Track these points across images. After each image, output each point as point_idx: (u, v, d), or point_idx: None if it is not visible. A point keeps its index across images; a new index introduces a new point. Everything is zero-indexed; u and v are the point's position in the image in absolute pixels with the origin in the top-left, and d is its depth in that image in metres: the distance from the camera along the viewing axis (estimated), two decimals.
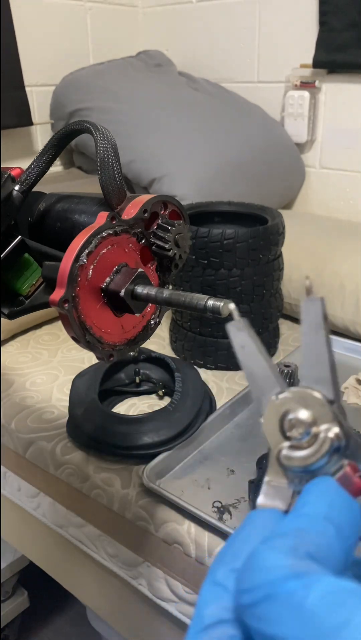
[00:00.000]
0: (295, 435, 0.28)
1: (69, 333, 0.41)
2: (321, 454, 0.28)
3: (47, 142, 0.48)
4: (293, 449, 0.28)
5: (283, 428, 0.29)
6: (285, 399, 0.29)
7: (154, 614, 0.76)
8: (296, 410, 0.29)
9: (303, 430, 0.28)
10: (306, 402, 0.29)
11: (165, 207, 0.47)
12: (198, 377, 0.88)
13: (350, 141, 1.45)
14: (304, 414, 0.28)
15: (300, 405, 0.29)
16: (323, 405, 0.29)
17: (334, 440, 0.28)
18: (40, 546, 0.95)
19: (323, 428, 0.28)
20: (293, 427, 0.28)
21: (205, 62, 1.64)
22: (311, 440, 0.28)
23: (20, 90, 1.34)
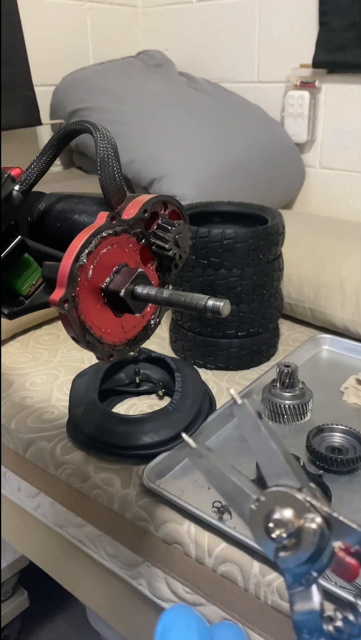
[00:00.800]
0: (280, 535, 0.29)
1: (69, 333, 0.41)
2: (310, 544, 0.28)
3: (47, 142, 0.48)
4: (284, 550, 0.29)
5: (269, 533, 0.30)
6: (261, 504, 0.30)
7: (154, 614, 0.76)
8: (276, 511, 0.30)
9: (286, 529, 0.29)
10: (282, 500, 0.30)
11: (165, 207, 0.47)
12: (198, 377, 0.88)
13: (350, 141, 1.45)
14: (283, 512, 0.29)
15: (277, 504, 0.30)
16: (296, 500, 0.30)
17: (317, 529, 0.29)
18: (40, 546, 0.95)
19: (306, 520, 0.29)
20: (276, 529, 0.29)
21: (205, 62, 1.64)
22: (297, 535, 0.29)
23: (29, 89, 1.34)
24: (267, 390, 0.87)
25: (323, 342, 1.08)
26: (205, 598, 0.67)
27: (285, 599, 0.60)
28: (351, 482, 0.73)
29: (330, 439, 0.80)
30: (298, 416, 0.85)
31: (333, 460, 0.73)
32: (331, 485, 0.69)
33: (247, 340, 0.99)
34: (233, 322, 0.96)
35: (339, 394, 0.92)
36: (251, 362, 1.01)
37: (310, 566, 0.29)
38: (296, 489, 0.30)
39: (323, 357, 1.05)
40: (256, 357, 1.01)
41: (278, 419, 0.85)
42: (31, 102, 1.35)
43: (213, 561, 0.65)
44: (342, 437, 0.80)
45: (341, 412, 0.87)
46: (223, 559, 0.65)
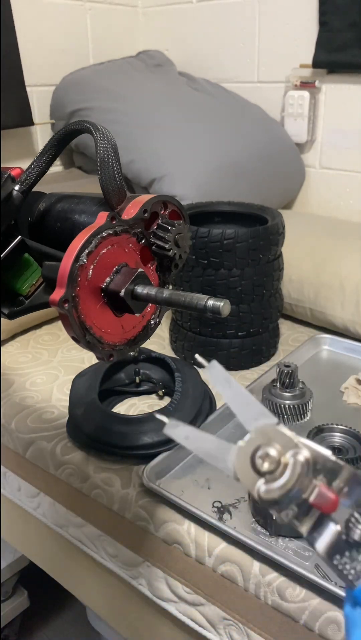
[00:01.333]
0: (267, 468, 0.30)
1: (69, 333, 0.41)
2: (295, 477, 0.29)
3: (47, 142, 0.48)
4: (269, 482, 0.30)
5: (256, 468, 0.30)
6: (250, 441, 0.31)
7: (154, 614, 0.76)
8: (262, 447, 0.30)
9: (274, 461, 0.30)
10: (268, 437, 0.31)
11: (165, 207, 0.47)
12: (198, 377, 0.88)
13: (350, 141, 1.45)
14: (270, 447, 0.30)
15: (264, 441, 0.31)
16: (283, 435, 0.31)
17: (303, 463, 0.29)
18: (40, 546, 0.95)
19: (291, 454, 0.30)
20: (263, 463, 0.30)
21: (205, 62, 1.64)
22: (283, 468, 0.30)
23: (21, 90, 1.34)
24: (267, 390, 0.87)
25: (323, 342, 1.08)
26: (205, 598, 0.67)
27: (285, 599, 0.60)
28: None
29: (330, 439, 0.80)
30: (298, 416, 0.85)
31: None
32: None
33: (247, 340, 0.99)
34: (233, 322, 0.96)
35: (339, 394, 0.92)
36: (251, 362, 1.01)
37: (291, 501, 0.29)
38: (275, 424, 0.31)
39: (323, 357, 1.05)
40: (256, 357, 1.01)
41: (278, 418, 0.85)
42: (23, 102, 1.35)
43: (213, 561, 0.65)
44: (342, 437, 0.80)
45: (341, 412, 0.87)
46: (223, 559, 0.65)
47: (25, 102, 1.36)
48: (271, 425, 0.31)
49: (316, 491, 0.29)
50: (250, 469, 0.30)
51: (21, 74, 1.33)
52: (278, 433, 0.30)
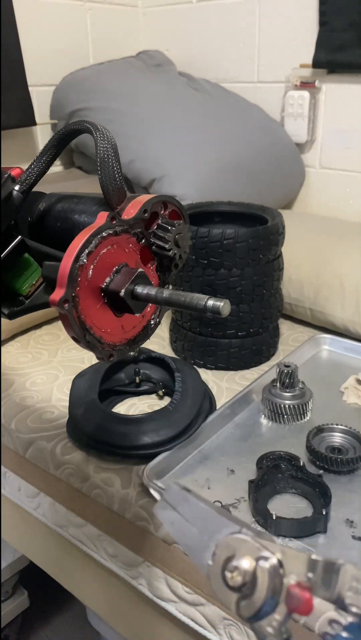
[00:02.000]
0: (239, 582, 0.29)
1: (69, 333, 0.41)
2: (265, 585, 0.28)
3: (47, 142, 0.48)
4: (245, 598, 0.29)
5: (229, 585, 0.29)
6: (215, 559, 0.30)
7: (154, 614, 0.76)
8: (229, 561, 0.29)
9: (242, 575, 0.29)
10: (233, 548, 0.30)
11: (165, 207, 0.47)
12: (198, 377, 0.88)
13: (350, 141, 1.45)
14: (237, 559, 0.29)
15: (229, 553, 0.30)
16: (245, 541, 0.29)
17: (271, 568, 0.28)
18: (40, 546, 0.95)
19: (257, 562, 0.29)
20: (233, 578, 0.29)
21: (205, 62, 1.64)
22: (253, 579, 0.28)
23: (24, 90, 1.34)
24: (267, 390, 0.87)
25: (323, 342, 1.08)
26: (205, 598, 0.67)
27: None
28: (351, 482, 0.73)
29: (330, 439, 0.80)
30: (298, 416, 0.85)
31: (333, 460, 0.73)
32: (331, 485, 0.69)
33: (247, 340, 0.99)
34: (233, 322, 0.96)
35: (339, 394, 0.92)
36: (251, 362, 1.01)
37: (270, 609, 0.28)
38: (237, 532, 0.30)
39: (323, 357, 1.05)
40: (256, 357, 1.01)
41: (278, 419, 0.85)
42: (26, 102, 1.35)
43: None
44: (342, 437, 0.80)
45: (341, 412, 0.87)
46: None
47: (28, 102, 1.36)
48: (233, 535, 0.30)
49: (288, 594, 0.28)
50: (224, 587, 0.29)
51: (24, 74, 1.33)
52: (241, 542, 0.29)
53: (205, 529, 0.31)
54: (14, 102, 1.32)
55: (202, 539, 0.31)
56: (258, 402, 0.89)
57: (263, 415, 0.87)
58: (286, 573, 0.28)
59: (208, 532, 0.31)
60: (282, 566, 0.28)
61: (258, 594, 0.28)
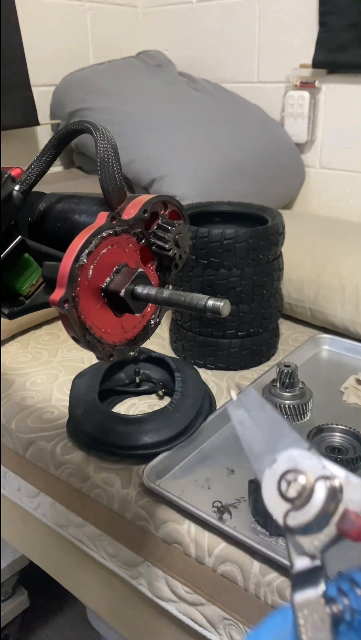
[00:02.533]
0: (292, 494, 0.29)
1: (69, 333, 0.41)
2: (321, 503, 0.28)
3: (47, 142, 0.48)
4: (295, 509, 0.29)
5: (283, 494, 0.30)
6: (277, 466, 0.31)
7: (154, 614, 0.76)
8: (289, 473, 0.30)
9: (300, 488, 0.29)
10: (296, 462, 0.30)
11: (165, 207, 0.47)
12: (198, 377, 0.88)
13: (350, 141, 1.45)
14: (295, 472, 0.30)
15: (291, 467, 0.30)
16: (311, 459, 0.30)
17: (330, 489, 0.29)
18: (40, 546, 0.95)
19: (317, 480, 0.29)
20: (290, 488, 0.29)
21: (205, 62, 1.64)
22: (309, 494, 0.29)
23: (27, 90, 1.34)
24: (266, 390, 0.87)
25: (323, 342, 1.08)
26: (205, 598, 0.67)
27: (285, 599, 0.60)
28: None
29: (330, 439, 0.80)
30: (298, 416, 0.85)
31: (333, 460, 0.73)
32: None
33: (247, 340, 0.99)
34: (233, 322, 0.96)
35: (339, 394, 0.92)
36: (251, 362, 1.01)
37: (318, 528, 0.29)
38: (306, 449, 0.31)
39: (323, 357, 1.05)
40: (256, 357, 1.01)
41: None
42: (29, 102, 1.35)
43: (213, 561, 0.65)
44: (342, 437, 0.80)
45: (341, 412, 0.87)
46: (223, 558, 0.65)
47: (31, 103, 1.35)
48: (300, 451, 0.31)
49: (343, 516, 0.29)
50: (277, 495, 0.30)
51: (26, 74, 1.33)
52: (307, 458, 0.30)
53: (274, 437, 0.32)
54: (17, 102, 1.32)
55: (269, 445, 0.32)
56: None
57: None
58: (345, 499, 0.29)
59: (276, 441, 0.32)
60: (342, 492, 0.29)
61: (310, 509, 0.29)
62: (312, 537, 0.29)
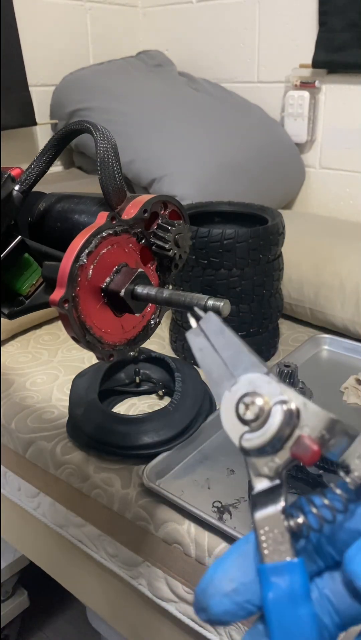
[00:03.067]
0: (249, 416, 0.29)
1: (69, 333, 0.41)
2: (277, 425, 0.29)
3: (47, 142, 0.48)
4: (252, 432, 0.29)
5: (240, 416, 0.30)
6: (236, 389, 0.31)
7: (154, 614, 0.76)
8: (247, 396, 0.30)
9: (257, 410, 0.29)
10: (255, 386, 0.30)
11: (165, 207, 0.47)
12: (198, 377, 0.88)
13: (350, 141, 1.45)
14: (256, 396, 0.30)
15: (250, 389, 0.30)
16: (269, 382, 0.30)
17: (287, 412, 0.29)
18: (40, 546, 0.95)
19: (276, 403, 0.29)
20: (247, 411, 0.30)
21: (205, 62, 1.64)
22: (266, 417, 0.29)
23: (24, 90, 1.34)
24: None
25: (323, 342, 1.08)
26: None
27: None
28: None
29: None
30: None
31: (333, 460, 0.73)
32: None
33: (247, 340, 0.98)
34: (233, 322, 0.96)
35: (339, 394, 0.92)
36: None
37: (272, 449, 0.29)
38: (264, 373, 0.31)
39: (323, 357, 1.05)
40: None
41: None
42: (26, 102, 1.35)
43: (213, 561, 0.65)
44: None
45: (341, 412, 0.87)
46: None
47: (29, 102, 1.36)
48: (260, 375, 0.31)
49: (297, 441, 0.29)
50: (235, 417, 0.30)
51: (24, 74, 1.33)
52: (266, 382, 0.30)
53: (232, 362, 0.32)
54: (15, 102, 1.32)
55: (227, 370, 0.32)
56: None
57: None
58: (301, 425, 0.29)
59: (235, 365, 0.32)
60: (299, 417, 0.29)
61: (265, 432, 0.29)
62: (267, 459, 0.29)
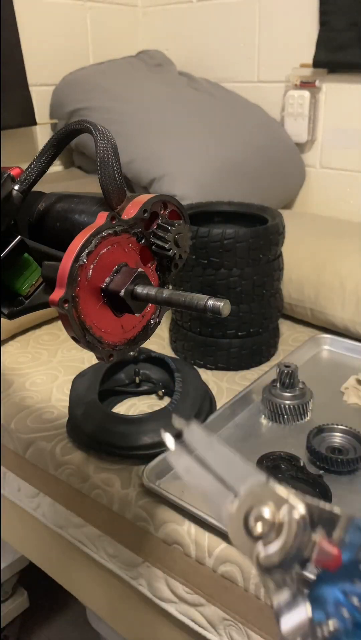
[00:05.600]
0: (260, 531, 0.28)
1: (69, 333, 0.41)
2: (292, 536, 0.27)
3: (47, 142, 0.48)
4: (266, 546, 0.28)
5: (250, 531, 0.28)
6: (240, 505, 0.29)
7: (154, 614, 0.76)
8: (254, 509, 0.28)
9: (267, 523, 0.28)
10: (259, 497, 0.29)
11: (165, 207, 0.47)
12: (198, 377, 0.88)
13: (350, 141, 1.44)
14: (262, 507, 0.28)
15: (254, 502, 0.28)
16: (274, 493, 0.28)
17: (299, 520, 0.27)
18: (40, 546, 0.95)
19: (285, 512, 0.28)
20: (257, 526, 0.28)
21: (205, 62, 1.63)
22: (279, 528, 0.28)
23: (24, 89, 1.34)
24: (267, 390, 0.87)
25: (323, 342, 1.08)
26: (205, 598, 0.67)
27: None
28: (352, 482, 0.73)
29: (330, 439, 0.80)
30: (298, 416, 0.85)
31: (333, 460, 0.73)
32: (331, 486, 0.69)
33: (247, 340, 0.99)
34: (233, 322, 0.96)
35: (339, 394, 0.92)
36: (251, 362, 1.01)
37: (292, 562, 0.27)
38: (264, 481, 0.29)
39: (323, 357, 1.05)
40: (256, 357, 1.01)
41: (278, 419, 0.85)
42: (26, 102, 1.35)
43: (213, 561, 0.65)
44: (342, 437, 0.80)
45: (341, 412, 0.87)
46: (223, 559, 0.65)
47: (29, 102, 1.36)
48: (261, 484, 0.29)
49: (316, 548, 0.27)
50: (245, 534, 0.28)
51: (24, 73, 1.33)
52: (269, 491, 0.28)
53: (227, 475, 0.30)
54: (15, 102, 1.32)
55: (223, 485, 0.30)
56: (258, 403, 0.89)
57: (264, 416, 0.87)
58: (315, 528, 0.28)
59: (231, 479, 0.30)
60: (312, 521, 0.28)
61: (283, 545, 0.27)
62: (288, 571, 0.27)
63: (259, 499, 0.28)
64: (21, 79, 1.33)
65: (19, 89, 1.32)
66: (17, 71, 1.32)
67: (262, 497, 0.28)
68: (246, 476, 0.29)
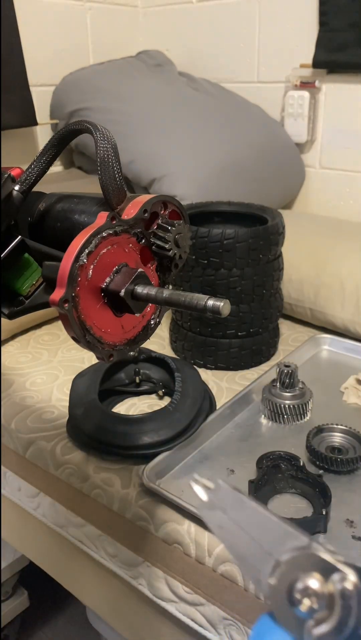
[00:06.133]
0: (310, 608, 0.24)
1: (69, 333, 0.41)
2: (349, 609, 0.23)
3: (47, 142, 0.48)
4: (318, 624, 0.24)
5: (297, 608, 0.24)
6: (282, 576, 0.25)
7: (154, 614, 0.76)
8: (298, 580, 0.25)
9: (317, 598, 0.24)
10: (302, 565, 0.25)
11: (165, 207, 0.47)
12: (198, 377, 0.88)
13: (350, 141, 1.45)
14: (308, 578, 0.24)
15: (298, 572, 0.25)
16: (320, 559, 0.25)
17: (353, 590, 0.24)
18: (40, 546, 0.95)
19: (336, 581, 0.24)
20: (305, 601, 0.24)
21: (205, 62, 1.64)
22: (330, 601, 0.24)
23: (25, 90, 1.34)
24: (266, 390, 0.87)
25: (323, 342, 1.08)
26: (205, 598, 0.67)
27: None
28: (351, 482, 0.73)
29: (330, 439, 0.80)
30: (298, 416, 0.85)
31: (333, 460, 0.73)
32: (331, 485, 0.69)
33: (247, 340, 0.99)
34: (233, 322, 0.96)
35: (339, 394, 0.92)
36: (251, 362, 1.01)
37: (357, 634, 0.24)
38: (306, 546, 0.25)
39: (323, 357, 1.05)
40: (256, 357, 1.01)
41: (278, 419, 0.85)
42: (27, 102, 1.35)
43: (213, 561, 0.65)
44: (342, 437, 0.80)
45: (341, 412, 0.87)
46: (223, 558, 0.65)
47: (29, 102, 1.36)
48: (303, 550, 0.25)
49: None
50: (289, 610, 0.24)
51: (24, 74, 1.33)
52: (314, 558, 0.25)
53: (264, 537, 0.26)
54: (15, 102, 1.32)
55: (261, 550, 0.26)
56: (258, 402, 0.89)
57: (263, 415, 0.87)
58: None
59: (268, 541, 0.26)
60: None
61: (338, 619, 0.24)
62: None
63: (303, 567, 0.25)
64: (21, 79, 1.33)
65: (19, 89, 1.33)
66: (18, 71, 1.32)
67: (306, 565, 0.25)
68: (285, 539, 0.26)
